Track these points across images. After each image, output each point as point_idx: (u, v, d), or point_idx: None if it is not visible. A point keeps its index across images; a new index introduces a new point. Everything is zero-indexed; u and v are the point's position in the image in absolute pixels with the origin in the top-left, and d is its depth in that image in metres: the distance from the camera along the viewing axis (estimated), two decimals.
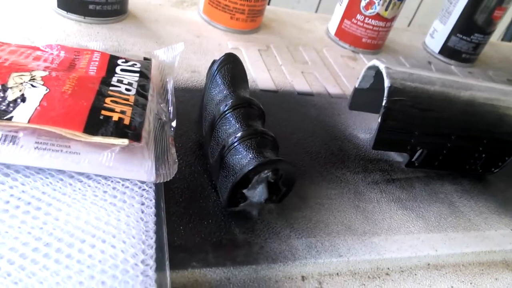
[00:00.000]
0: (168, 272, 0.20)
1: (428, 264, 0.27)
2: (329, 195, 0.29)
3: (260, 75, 0.41)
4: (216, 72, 0.29)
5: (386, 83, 0.30)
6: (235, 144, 0.25)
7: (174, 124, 0.30)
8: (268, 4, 1.27)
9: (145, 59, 0.34)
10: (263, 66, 0.42)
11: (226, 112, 0.27)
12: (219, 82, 0.29)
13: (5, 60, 0.28)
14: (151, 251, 0.20)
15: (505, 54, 0.65)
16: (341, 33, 0.51)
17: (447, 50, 0.56)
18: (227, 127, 0.26)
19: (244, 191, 0.24)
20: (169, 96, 0.32)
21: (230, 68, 0.29)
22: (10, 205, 0.20)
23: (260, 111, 0.28)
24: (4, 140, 0.22)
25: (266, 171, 0.24)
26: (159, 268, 0.20)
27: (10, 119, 0.23)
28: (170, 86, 0.33)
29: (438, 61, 0.56)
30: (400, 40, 0.58)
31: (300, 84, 0.41)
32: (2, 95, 0.24)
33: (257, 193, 0.24)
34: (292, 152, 0.32)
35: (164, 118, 0.30)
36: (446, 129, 0.32)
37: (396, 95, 0.30)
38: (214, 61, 0.30)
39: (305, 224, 0.26)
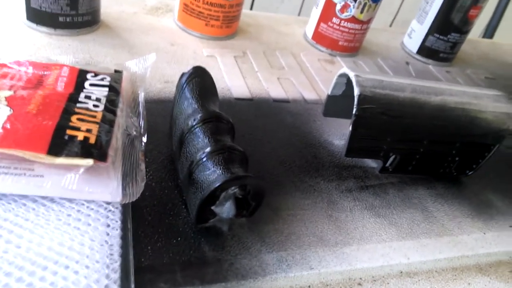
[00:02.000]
0: None
1: (401, 272, 0.28)
2: (302, 205, 0.29)
3: (235, 83, 0.40)
4: (185, 86, 0.29)
5: (356, 92, 0.30)
6: (203, 159, 0.25)
7: (144, 139, 0.29)
8: (251, 8, 1.28)
9: (116, 71, 0.34)
10: (239, 73, 0.42)
11: (195, 127, 0.27)
12: (188, 95, 0.28)
13: None
14: (115, 275, 0.20)
15: (484, 51, 0.66)
16: (318, 37, 0.51)
17: (425, 50, 0.56)
18: (196, 142, 0.26)
19: (213, 207, 0.24)
20: (140, 109, 0.32)
21: (199, 81, 0.29)
22: None
23: (229, 125, 0.27)
24: None
25: (233, 187, 0.24)
26: None
27: None
28: (141, 99, 0.33)
29: (416, 61, 0.56)
30: (378, 41, 0.58)
31: (276, 91, 0.41)
32: None
33: (225, 210, 0.24)
34: (266, 162, 0.32)
35: (135, 133, 0.30)
36: (417, 134, 0.32)
37: (366, 103, 0.30)
38: (183, 74, 0.30)
39: (276, 237, 0.26)
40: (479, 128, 0.33)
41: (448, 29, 0.54)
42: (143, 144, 0.29)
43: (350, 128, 0.31)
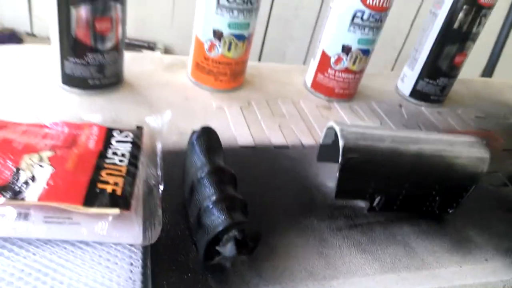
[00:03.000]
0: None
1: None
2: (296, 243, 0.34)
3: (241, 131, 0.46)
4: (195, 142, 0.34)
5: (341, 144, 0.35)
6: (210, 206, 0.30)
7: (161, 187, 0.35)
8: (259, 59, 1.35)
9: (138, 127, 0.40)
10: (244, 122, 0.48)
11: (203, 178, 0.32)
12: (198, 151, 0.34)
13: (19, 143, 0.33)
14: None
15: (476, 90, 0.70)
16: (316, 85, 0.56)
17: (416, 93, 0.61)
18: (204, 191, 0.31)
19: (217, 247, 0.29)
20: (158, 161, 0.38)
21: (206, 139, 0.34)
22: (24, 273, 0.25)
23: (232, 177, 0.33)
24: (19, 217, 0.27)
25: (233, 231, 0.28)
26: None
27: (23, 199, 0.28)
28: (159, 151, 0.38)
29: (409, 103, 0.61)
30: (373, 85, 0.63)
31: (276, 138, 0.46)
32: (16, 177, 0.29)
33: (227, 249, 0.29)
34: (265, 205, 0.37)
35: (153, 182, 0.35)
36: (398, 180, 0.37)
37: (350, 153, 0.35)
38: (193, 132, 0.36)
39: (272, 272, 0.31)
40: (455, 172, 0.38)
41: (437, 74, 0.59)
42: (160, 191, 0.34)
43: (337, 174, 0.35)
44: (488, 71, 1.16)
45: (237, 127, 0.47)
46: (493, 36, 1.18)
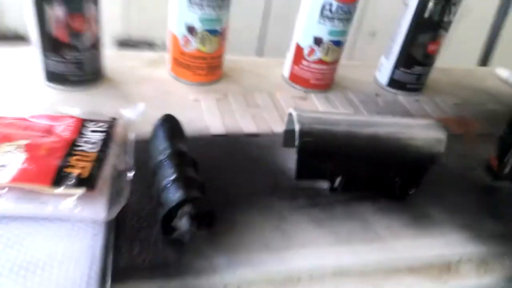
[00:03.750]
0: (109, 285, 0.27)
1: (335, 272, 0.34)
2: (256, 220, 0.36)
3: (214, 121, 0.48)
4: (158, 128, 0.37)
5: (296, 127, 0.37)
6: (168, 185, 0.32)
7: (131, 172, 0.37)
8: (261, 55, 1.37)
9: (113, 119, 0.42)
10: (218, 113, 0.50)
11: (164, 160, 0.34)
12: (160, 135, 0.36)
13: (0, 133, 0.36)
14: (95, 271, 0.27)
15: (456, 78, 0.72)
16: (293, 77, 0.59)
17: (393, 83, 0.62)
18: (164, 171, 0.34)
19: (172, 223, 0.31)
20: (130, 149, 0.40)
21: (169, 125, 0.37)
22: None
23: (192, 160, 0.35)
24: None
25: (187, 206, 0.31)
26: (102, 283, 0.27)
27: None
28: (131, 140, 0.41)
29: (387, 92, 0.62)
30: (352, 76, 0.65)
31: (248, 127, 0.48)
32: None
33: (183, 224, 0.31)
34: (231, 187, 0.39)
35: (123, 167, 0.38)
36: (354, 161, 0.39)
37: (305, 137, 0.37)
38: (158, 120, 0.38)
39: (229, 245, 0.33)
40: (411, 153, 0.39)
41: (411, 63, 0.60)
42: (128, 176, 0.37)
43: (296, 156, 0.37)
44: (484, 59, 1.17)
45: (210, 118, 0.49)
46: (488, 24, 1.19)
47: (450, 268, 0.36)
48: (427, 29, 0.57)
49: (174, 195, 0.31)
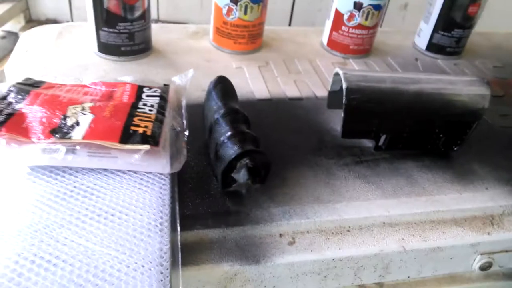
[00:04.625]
0: (178, 232, 0.30)
1: (383, 223, 0.35)
2: (305, 176, 0.38)
3: (258, 87, 0.50)
4: (212, 90, 0.39)
5: (344, 85, 0.38)
6: (225, 141, 0.34)
7: (186, 132, 0.40)
8: (290, 24, 1.38)
9: (165, 85, 0.45)
10: (261, 79, 0.52)
11: (219, 118, 0.36)
12: (214, 96, 0.38)
13: (64, 97, 0.39)
14: (166, 217, 0.30)
15: (497, 42, 0.70)
16: (332, 43, 0.59)
17: (432, 47, 0.62)
18: (220, 129, 0.36)
19: (232, 174, 0.34)
20: (183, 112, 0.43)
21: (222, 86, 0.39)
22: (73, 192, 0.31)
23: (244, 117, 0.37)
24: (67, 152, 0.33)
25: (245, 159, 0.33)
26: (172, 229, 0.30)
27: (70, 138, 0.34)
28: (183, 104, 0.43)
29: (426, 57, 0.62)
30: (391, 42, 0.65)
31: (291, 91, 0.50)
32: (64, 122, 0.35)
33: (241, 175, 0.33)
34: (279, 145, 0.41)
35: (179, 128, 0.40)
36: (400, 117, 0.40)
37: (353, 94, 0.38)
38: (211, 82, 0.40)
39: (282, 197, 0.35)
40: (456, 108, 0.40)
41: (451, 26, 0.60)
42: (185, 136, 0.39)
43: (343, 115, 0.39)
44: None
45: (255, 84, 0.51)
46: None
47: (493, 221, 0.37)
48: None
49: (232, 149, 0.33)
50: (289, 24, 1.48)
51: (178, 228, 0.30)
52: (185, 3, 1.61)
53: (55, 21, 1.63)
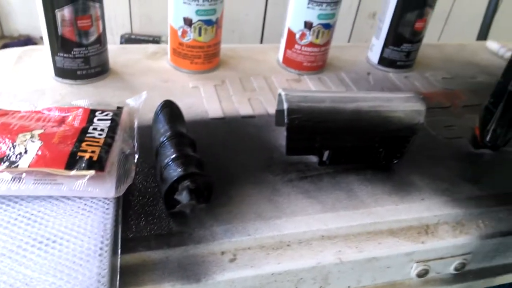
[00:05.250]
0: (119, 255, 0.31)
1: (322, 236, 0.37)
2: (250, 193, 0.40)
3: (212, 106, 0.52)
4: (159, 113, 0.41)
5: (285, 106, 0.40)
6: (169, 163, 0.36)
7: (137, 155, 0.41)
8: (261, 42, 1.40)
9: (118, 108, 0.46)
10: (216, 98, 0.53)
11: (164, 142, 0.38)
12: (161, 119, 0.40)
13: (15, 125, 0.40)
14: (107, 241, 0.31)
15: (448, 53, 0.74)
16: (287, 61, 0.62)
17: (384, 61, 0.65)
18: (165, 151, 0.37)
19: (175, 196, 0.35)
20: (135, 134, 0.44)
21: (168, 110, 0.41)
22: (17, 220, 0.32)
23: (190, 140, 0.39)
24: (13, 180, 0.34)
25: (186, 181, 0.35)
26: (114, 252, 0.31)
27: (16, 166, 0.35)
28: (135, 126, 0.45)
29: (378, 71, 0.65)
30: (345, 57, 0.67)
31: (245, 109, 0.52)
32: (12, 150, 0.36)
33: (183, 197, 0.35)
34: (229, 164, 0.43)
35: (129, 151, 0.41)
36: (340, 134, 0.42)
37: (293, 114, 0.40)
38: (158, 105, 0.42)
39: (226, 216, 0.37)
40: (392, 124, 0.42)
41: (400, 41, 0.62)
42: (135, 158, 0.41)
43: (285, 133, 0.41)
44: (483, 34, 1.17)
45: (209, 103, 0.52)
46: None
47: (428, 230, 0.39)
48: (414, 7, 0.60)
49: (175, 171, 0.35)
50: (261, 40, 1.51)
51: (119, 251, 0.32)
52: (158, 16, 1.63)
53: (28, 37, 1.63)
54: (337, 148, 0.43)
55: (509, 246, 0.41)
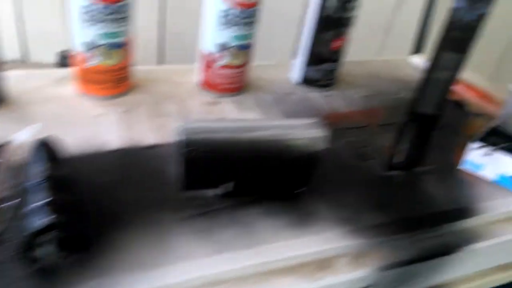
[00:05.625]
0: None
1: (210, 282, 0.35)
2: (135, 237, 0.36)
3: (112, 136, 0.48)
4: (30, 155, 0.38)
5: (180, 139, 0.38)
6: (26, 213, 0.33)
7: (16, 199, 0.38)
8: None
9: (2, 144, 0.43)
10: (119, 127, 0.50)
11: (28, 187, 0.35)
12: (31, 162, 0.37)
13: None
14: None
15: (373, 70, 0.74)
16: (204, 83, 0.59)
17: (305, 80, 0.64)
18: (30, 198, 0.34)
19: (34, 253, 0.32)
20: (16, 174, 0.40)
21: (39, 151, 0.38)
22: None
23: (59, 183, 0.35)
24: None
25: (44, 235, 0.31)
26: None
27: None
28: (21, 164, 0.41)
29: (299, 90, 0.64)
30: (266, 76, 0.66)
31: (151, 138, 0.49)
32: None
33: (43, 253, 0.31)
34: (118, 206, 0.39)
35: (6, 194, 0.38)
36: (238, 165, 0.40)
37: (189, 147, 0.38)
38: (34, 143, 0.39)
39: (102, 267, 0.33)
40: (294, 152, 0.41)
41: (318, 61, 0.62)
42: (10, 203, 0.37)
43: (182, 167, 0.38)
44: (417, 49, 1.19)
45: (110, 132, 0.49)
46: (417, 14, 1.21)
47: (324, 265, 0.38)
48: (329, 27, 0.59)
49: (31, 223, 0.32)
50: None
51: None
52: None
53: None
54: (237, 180, 0.41)
55: (411, 275, 0.40)
